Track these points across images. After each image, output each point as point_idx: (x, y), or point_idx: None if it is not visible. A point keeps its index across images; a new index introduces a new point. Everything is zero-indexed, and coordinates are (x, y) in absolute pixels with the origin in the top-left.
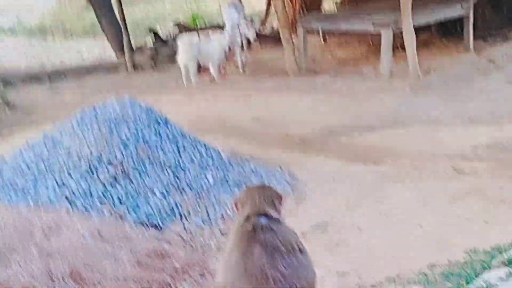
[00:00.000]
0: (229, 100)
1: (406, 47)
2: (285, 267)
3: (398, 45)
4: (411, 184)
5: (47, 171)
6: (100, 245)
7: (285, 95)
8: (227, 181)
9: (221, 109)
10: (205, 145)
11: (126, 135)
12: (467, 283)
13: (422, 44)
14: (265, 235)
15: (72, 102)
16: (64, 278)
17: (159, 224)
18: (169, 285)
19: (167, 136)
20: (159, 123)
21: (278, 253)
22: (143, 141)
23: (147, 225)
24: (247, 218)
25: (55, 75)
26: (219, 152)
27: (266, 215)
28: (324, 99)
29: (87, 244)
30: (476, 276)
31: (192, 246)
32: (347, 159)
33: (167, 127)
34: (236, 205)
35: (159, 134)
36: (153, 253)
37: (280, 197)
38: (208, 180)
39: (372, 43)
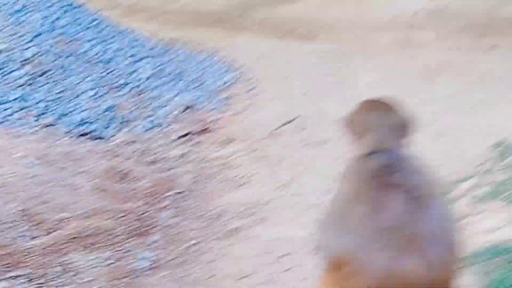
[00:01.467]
0: None
1: None
2: (430, 219)
3: None
4: (369, 63)
5: None
6: (46, 170)
7: None
8: (164, 72)
9: None
10: (129, 31)
11: (38, 24)
12: None
13: None
14: (400, 177)
15: None
16: (16, 220)
17: (101, 134)
18: (147, 214)
19: (87, 22)
20: (74, 8)
21: (419, 201)
22: (61, 31)
23: (85, 135)
24: (370, 154)
25: None
26: (146, 39)
27: (391, 150)
28: None
29: (32, 171)
30: None
31: (151, 159)
32: (280, 36)
33: (85, 12)
34: (346, 128)
35: (78, 21)
36: (111, 172)
37: (406, 122)
38: (143, 73)
39: None
